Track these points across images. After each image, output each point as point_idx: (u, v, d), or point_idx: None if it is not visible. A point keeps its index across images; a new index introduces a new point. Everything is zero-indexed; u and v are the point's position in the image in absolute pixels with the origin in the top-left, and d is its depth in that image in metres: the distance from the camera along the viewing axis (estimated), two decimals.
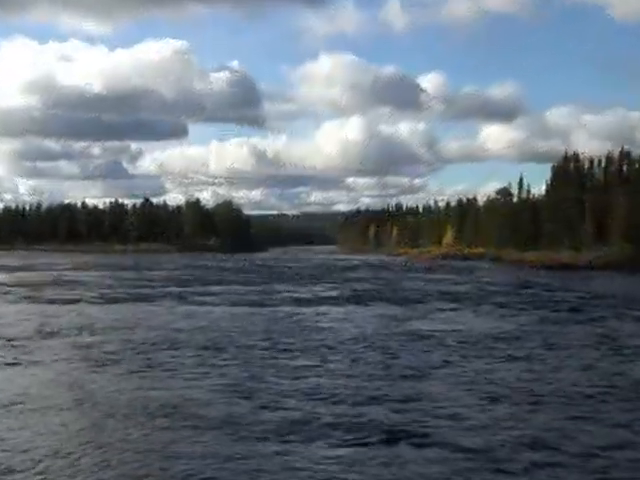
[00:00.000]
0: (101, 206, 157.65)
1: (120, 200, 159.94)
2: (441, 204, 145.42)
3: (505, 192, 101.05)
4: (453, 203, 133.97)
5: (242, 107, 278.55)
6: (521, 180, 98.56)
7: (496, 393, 11.65)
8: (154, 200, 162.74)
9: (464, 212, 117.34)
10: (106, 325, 19.99)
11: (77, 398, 11.00)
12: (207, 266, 67.10)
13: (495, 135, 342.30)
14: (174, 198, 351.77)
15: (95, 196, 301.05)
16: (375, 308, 26.29)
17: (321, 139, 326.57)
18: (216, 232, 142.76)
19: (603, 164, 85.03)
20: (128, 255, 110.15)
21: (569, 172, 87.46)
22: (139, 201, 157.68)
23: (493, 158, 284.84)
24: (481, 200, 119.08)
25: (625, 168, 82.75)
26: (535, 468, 7.97)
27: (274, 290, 34.75)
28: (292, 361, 14.48)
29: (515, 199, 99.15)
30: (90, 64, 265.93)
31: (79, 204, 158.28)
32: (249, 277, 47.76)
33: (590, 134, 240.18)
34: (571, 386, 12.25)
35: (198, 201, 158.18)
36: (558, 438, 9.09)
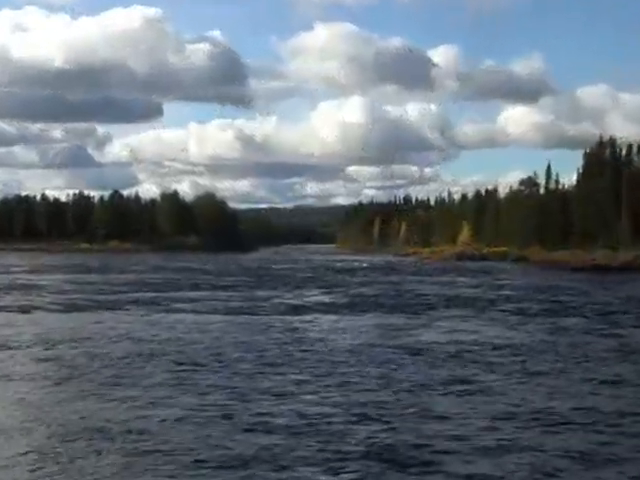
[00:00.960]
0: (63, 198, 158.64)
1: (85, 192, 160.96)
2: (456, 196, 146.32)
3: (530, 182, 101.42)
4: (470, 195, 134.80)
5: (225, 84, 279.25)
6: (548, 168, 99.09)
7: (507, 412, 11.84)
8: (125, 192, 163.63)
9: (482, 206, 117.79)
10: (65, 337, 20.14)
11: (24, 420, 11.06)
12: (185, 268, 67.38)
13: (518, 117, 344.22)
14: (148, 190, 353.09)
15: (57, 187, 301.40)
16: (375, 317, 26.66)
17: (317, 122, 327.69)
18: (197, 229, 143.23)
19: None
20: (94, 255, 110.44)
21: (603, 159, 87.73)
22: (107, 193, 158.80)
23: (516, 143, 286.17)
24: (502, 192, 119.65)
25: None
26: None
27: (262, 296, 35.16)
28: (275, 379, 14.67)
29: (542, 190, 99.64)
30: (50, 35, 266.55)
31: (38, 196, 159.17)
32: (234, 281, 48.07)
33: (627, 115, 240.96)
34: (591, 406, 12.40)
35: (176, 193, 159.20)
36: (576, 464, 9.22)
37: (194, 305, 30.21)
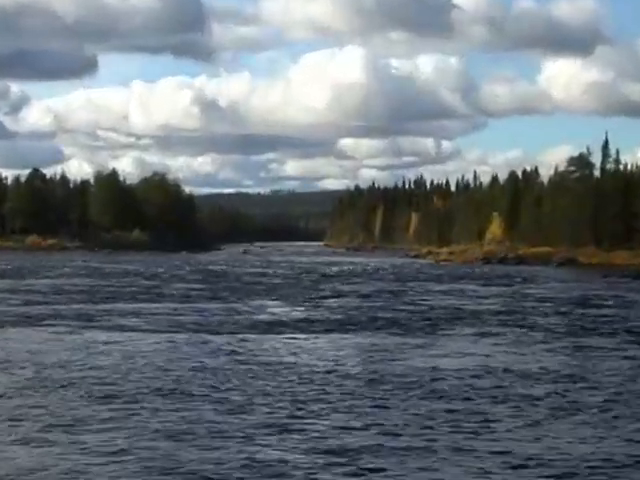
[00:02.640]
0: None
1: None
2: (484, 179, 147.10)
3: (581, 161, 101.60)
4: (502, 178, 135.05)
5: (180, 31, 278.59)
6: (606, 143, 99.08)
7: (527, 464, 12.10)
8: (47, 171, 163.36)
9: (518, 192, 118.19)
10: None
11: None
12: (124, 272, 67.52)
13: (564, 75, 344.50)
14: (77, 168, 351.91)
15: None
16: (364, 336, 27.21)
17: (300, 81, 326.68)
18: (142, 221, 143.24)
19: None
20: (6, 253, 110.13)
21: None
22: (24, 172, 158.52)
23: (562, 109, 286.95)
24: (545, 174, 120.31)
25: None
26: None
27: (223, 309, 35.62)
28: (231, 417, 14.87)
29: (597, 172, 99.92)
30: None
31: None
32: (185, 289, 48.42)
33: None
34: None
35: (114, 173, 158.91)
36: None
37: (134, 321, 30.75)
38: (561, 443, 13.31)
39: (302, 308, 37.34)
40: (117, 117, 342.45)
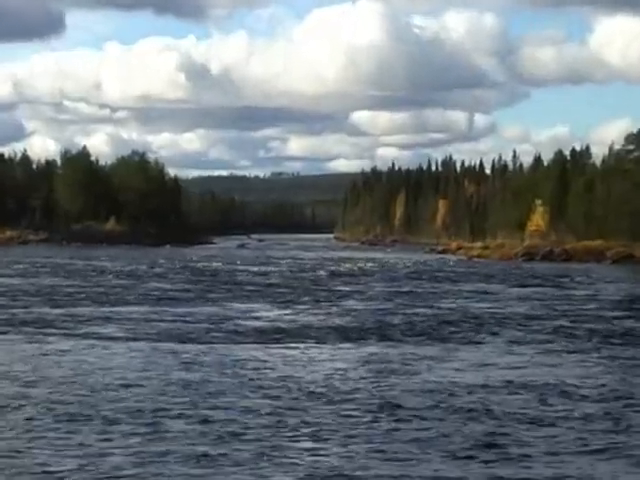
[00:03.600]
0: None
1: None
2: (525, 160, 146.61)
3: None
4: (546, 159, 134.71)
5: None
6: None
7: None
8: (4, 149, 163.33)
9: (566, 175, 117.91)
10: None
11: None
12: (95, 270, 67.51)
13: (621, 36, 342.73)
14: (41, 146, 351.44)
15: None
16: (379, 346, 27.46)
17: (306, 42, 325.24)
18: (118, 209, 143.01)
19: None
20: None
21: None
22: None
23: (620, 77, 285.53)
24: (598, 153, 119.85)
25: None
26: None
27: (209, 315, 35.85)
28: (216, 447, 14.90)
29: None
30: None
31: None
32: (168, 290, 48.71)
33: None
34: None
35: (85, 152, 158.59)
36: None
37: (95, 327, 31.18)
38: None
39: (303, 313, 37.36)
40: (88, 85, 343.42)
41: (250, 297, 44.71)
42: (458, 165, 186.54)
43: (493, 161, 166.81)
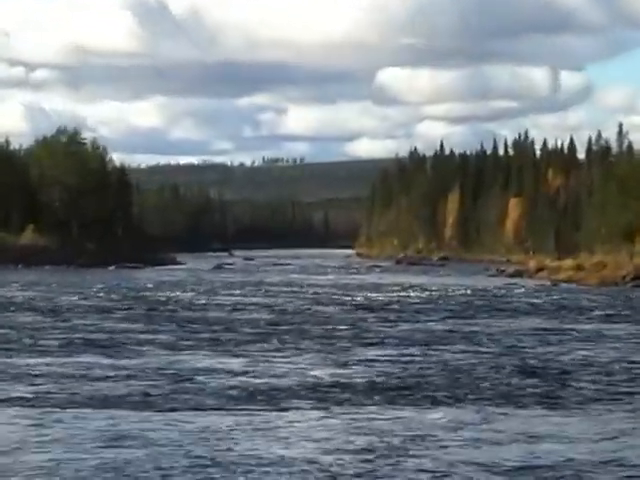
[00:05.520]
0: None
1: None
2: (636, 138, 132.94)
3: None
4: None
5: None
6: None
7: None
8: None
9: None
10: None
11: None
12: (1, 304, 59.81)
13: None
14: None
15: None
16: (406, 410, 24.02)
17: None
18: (39, 213, 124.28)
19: None
20: None
21: None
22: None
23: None
24: None
25: None
26: None
27: (165, 368, 31.83)
28: None
29: None
30: None
31: None
32: (121, 332, 42.92)
33: None
34: None
35: None
36: None
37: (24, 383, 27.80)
38: None
39: (304, 364, 32.50)
40: None
41: (228, 344, 38.42)
42: (537, 147, 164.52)
43: (589, 140, 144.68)
